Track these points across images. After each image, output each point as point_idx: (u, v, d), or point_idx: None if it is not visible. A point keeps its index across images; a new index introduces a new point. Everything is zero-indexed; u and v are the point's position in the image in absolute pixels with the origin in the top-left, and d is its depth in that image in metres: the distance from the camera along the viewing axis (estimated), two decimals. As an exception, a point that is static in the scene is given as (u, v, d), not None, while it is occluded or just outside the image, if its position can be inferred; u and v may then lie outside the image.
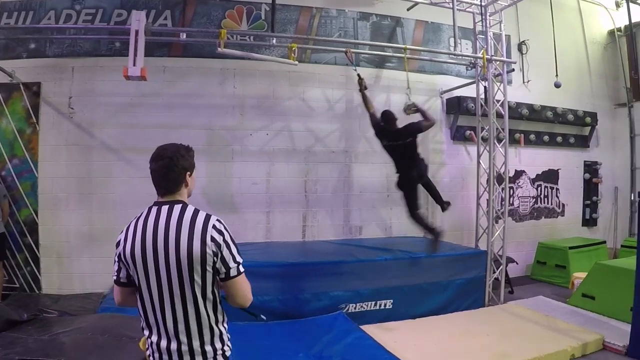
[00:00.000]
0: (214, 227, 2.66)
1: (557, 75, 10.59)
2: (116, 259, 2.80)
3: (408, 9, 9.53)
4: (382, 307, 7.49)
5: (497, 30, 9.30)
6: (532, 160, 11.79)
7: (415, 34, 10.21)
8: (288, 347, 5.82)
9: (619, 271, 8.24)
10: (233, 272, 2.72)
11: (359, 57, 9.45)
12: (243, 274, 2.81)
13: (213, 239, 2.63)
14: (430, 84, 10.34)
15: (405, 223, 9.94)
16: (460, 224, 10.65)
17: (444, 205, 8.18)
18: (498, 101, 9.25)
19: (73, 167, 8.30)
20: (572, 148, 12.49)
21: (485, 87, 9.33)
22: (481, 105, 9.53)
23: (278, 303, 6.84)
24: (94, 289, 8.14)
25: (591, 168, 12.87)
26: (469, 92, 10.15)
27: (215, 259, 2.64)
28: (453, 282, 8.15)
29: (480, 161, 9.64)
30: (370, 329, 6.67)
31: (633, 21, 12.46)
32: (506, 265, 9.27)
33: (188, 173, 2.84)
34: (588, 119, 12.35)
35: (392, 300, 7.55)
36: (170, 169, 2.75)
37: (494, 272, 8.98)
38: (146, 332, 2.79)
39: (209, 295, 2.71)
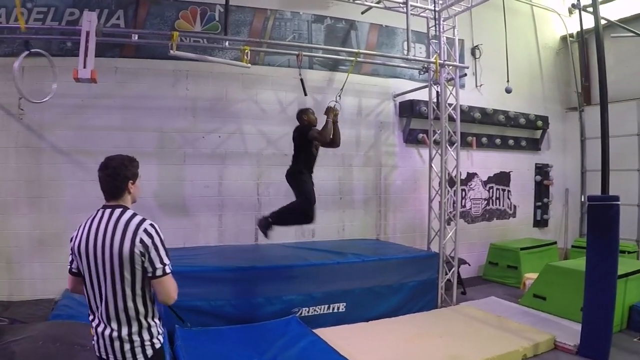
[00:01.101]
0: (144, 230, 3.02)
1: (508, 80, 10.71)
2: (70, 251, 3.18)
3: (362, 13, 9.50)
4: (335, 310, 7.48)
5: (451, 35, 9.38)
6: (484, 162, 11.94)
7: (370, 38, 10.24)
8: (241, 353, 5.77)
9: (569, 272, 8.41)
10: (159, 272, 3.04)
11: (312, 60, 9.46)
12: (169, 275, 3.11)
13: (142, 241, 2.98)
14: (383, 87, 10.39)
15: (358, 226, 10.06)
16: (412, 227, 10.73)
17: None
18: (450, 105, 9.33)
19: (23, 170, 8.02)
20: (524, 151, 12.71)
21: (437, 91, 9.39)
22: (434, 108, 9.58)
23: (231, 308, 6.77)
24: (45, 294, 7.86)
25: (542, 170, 13.15)
26: (422, 95, 10.21)
27: (143, 259, 2.99)
28: (406, 284, 8.18)
29: (432, 164, 9.67)
30: (324, 333, 6.63)
31: (585, 28, 12.72)
32: (458, 267, 9.34)
33: (131, 182, 3.23)
34: (540, 123, 12.60)
35: (345, 304, 7.55)
36: (114, 177, 3.16)
37: (446, 274, 9.04)
38: (91, 317, 3.15)
39: (138, 291, 3.05)
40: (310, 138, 7.28)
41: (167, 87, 8.68)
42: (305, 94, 7.92)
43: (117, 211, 3.12)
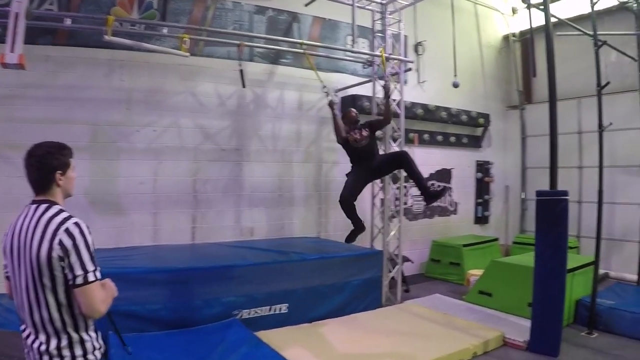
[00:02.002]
0: (65, 230, 2.59)
1: (455, 75, 10.69)
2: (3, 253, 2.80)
3: (306, 5, 9.25)
4: (277, 311, 7.18)
5: (396, 29, 9.28)
6: (426, 159, 11.86)
7: (312, 31, 9.98)
8: (181, 359, 5.45)
9: (515, 268, 8.48)
10: (79, 280, 2.59)
11: (254, 51, 9.13)
12: (93, 284, 2.64)
13: (61, 243, 2.56)
14: (325, 81, 10.03)
15: (297, 223, 9.83)
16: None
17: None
18: (394, 100, 9.18)
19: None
20: (465, 148, 12.77)
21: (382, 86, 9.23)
22: (377, 104, 9.41)
23: (167, 312, 6.34)
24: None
25: (483, 167, 13.27)
26: (364, 90, 10.08)
27: (62, 264, 2.57)
28: (349, 283, 7.99)
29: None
30: (266, 335, 6.37)
31: (527, 27, 12.80)
32: (402, 264, 9.25)
33: (59, 172, 2.79)
34: (481, 120, 12.72)
35: (287, 305, 7.27)
36: (39, 168, 2.75)
37: (390, 272, 8.94)
38: (22, 327, 2.76)
39: (62, 300, 2.63)
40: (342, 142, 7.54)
41: (100, 78, 8.10)
42: (244, 86, 7.70)
43: (42, 207, 2.71)
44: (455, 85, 10.64)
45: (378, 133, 8.25)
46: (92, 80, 8.02)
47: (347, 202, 7.32)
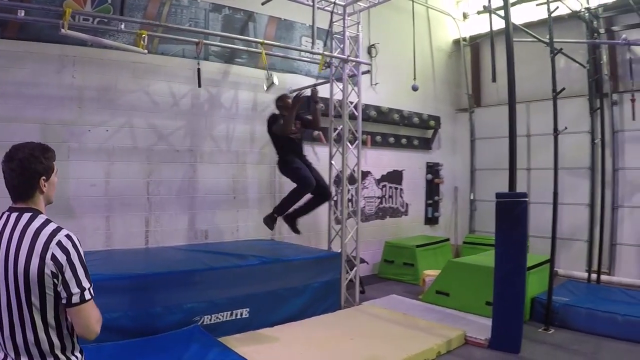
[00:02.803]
0: (58, 243, 2.38)
1: (414, 78, 10.92)
2: None
3: (263, 4, 9.05)
4: (239, 316, 7.01)
5: (353, 31, 9.25)
6: (378, 161, 11.96)
7: (268, 30, 9.81)
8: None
9: (472, 268, 8.65)
10: (75, 299, 2.41)
11: (209, 50, 8.90)
12: (90, 302, 2.48)
13: (54, 258, 2.34)
14: (280, 82, 9.84)
15: (252, 226, 9.66)
16: (307, 226, 10.39)
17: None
18: (351, 102, 9.17)
19: None
20: (416, 150, 12.92)
21: (340, 88, 9.18)
22: (334, 106, 9.37)
23: (128, 320, 6.05)
24: None
25: (433, 169, 13.47)
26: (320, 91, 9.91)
27: (55, 281, 2.35)
28: (309, 286, 7.92)
29: (333, 162, 9.48)
30: (229, 341, 6.23)
31: (478, 32, 13.45)
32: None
33: (43, 178, 2.56)
34: (432, 122, 12.91)
35: (248, 309, 7.10)
36: (21, 172, 2.49)
37: (348, 274, 8.88)
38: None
39: (51, 320, 2.41)
40: (275, 132, 7.70)
41: (52, 74, 7.66)
42: (200, 85, 7.52)
43: (26, 216, 2.47)
44: (415, 89, 10.72)
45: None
46: (43, 76, 7.59)
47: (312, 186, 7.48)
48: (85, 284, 2.44)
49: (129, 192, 8.29)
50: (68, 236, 2.42)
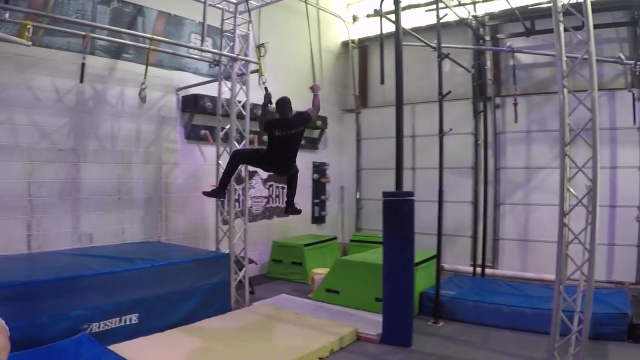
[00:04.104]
0: None
1: (314, 79, 10.78)
2: None
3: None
4: (128, 322, 6.75)
5: (243, 30, 9.19)
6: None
7: (157, 26, 9.48)
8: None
9: (360, 265, 8.89)
10: None
11: (96, 44, 8.49)
12: None
13: None
14: (167, 79, 9.77)
15: (138, 228, 9.37)
16: (195, 227, 10.32)
17: (292, 209, 8.33)
18: (239, 102, 9.13)
19: None
20: (302, 149, 12.73)
21: (230, 87, 9.07)
22: (222, 105, 9.25)
23: (11, 331, 5.57)
24: None
25: (320, 169, 13.62)
26: (206, 90, 9.88)
27: None
28: (199, 288, 7.80)
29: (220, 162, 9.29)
30: (119, 349, 5.97)
31: (367, 35, 13.84)
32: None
33: None
34: (319, 123, 13.00)
35: (137, 314, 6.86)
36: None
37: (237, 274, 8.83)
38: None
39: None
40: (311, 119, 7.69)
41: None
42: (82, 81, 7.23)
43: None
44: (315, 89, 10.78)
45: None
46: None
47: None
48: None
49: (8, 194, 7.71)
50: None
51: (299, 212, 8.43)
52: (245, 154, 8.26)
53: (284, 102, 7.36)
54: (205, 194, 7.98)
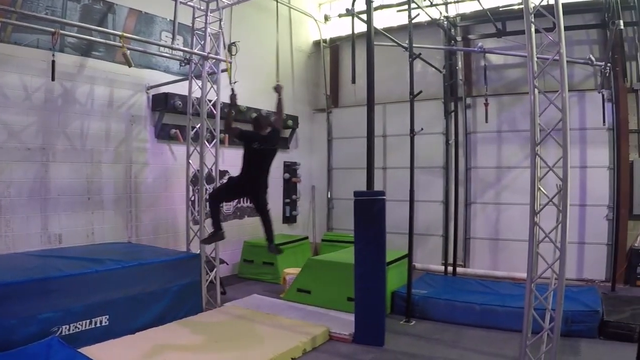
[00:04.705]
0: None
1: (278, 80, 10.84)
2: None
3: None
4: (98, 324, 6.66)
5: (215, 28, 9.13)
6: (236, 160, 11.70)
7: (127, 23, 9.36)
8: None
9: (332, 265, 8.90)
10: None
11: (65, 41, 8.35)
12: None
13: None
14: (137, 77, 9.66)
15: (108, 228, 9.27)
16: (165, 227, 10.24)
17: (275, 248, 7.99)
18: (210, 101, 9.06)
19: None
20: (274, 149, 12.86)
21: (200, 86, 9.00)
22: (193, 104, 9.19)
23: None
24: None
25: (291, 168, 13.61)
26: (176, 89, 9.80)
27: None
28: (170, 289, 7.74)
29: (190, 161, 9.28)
30: (90, 351, 5.90)
31: (338, 35, 13.92)
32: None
33: None
34: (290, 122, 13.01)
35: (107, 316, 6.78)
36: None
37: (208, 275, 8.78)
38: None
39: None
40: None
41: None
42: (53, 79, 7.02)
43: None
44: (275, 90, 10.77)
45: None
46: None
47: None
48: None
49: (-24, 195, 7.61)
50: None
51: (280, 252, 8.23)
52: (219, 191, 8.28)
53: (257, 120, 7.66)
54: (205, 241, 8.07)
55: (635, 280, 10.02)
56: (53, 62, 6.87)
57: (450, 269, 11.00)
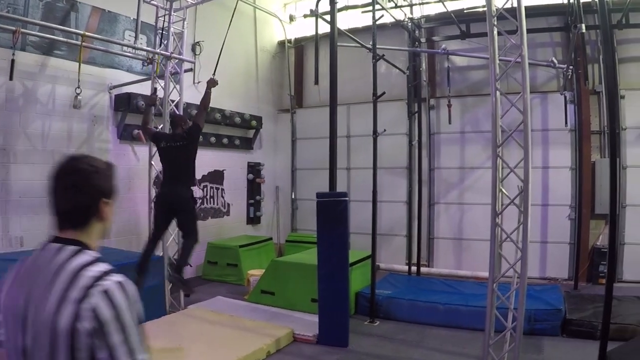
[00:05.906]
0: (105, 292, 1.65)
1: (214, 74, 10.76)
2: None
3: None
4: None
5: (178, 27, 9.05)
6: (199, 161, 11.64)
7: (90, 22, 9.21)
8: None
9: (295, 266, 8.91)
10: None
11: (27, 39, 8.18)
12: None
13: (95, 311, 1.61)
14: (99, 77, 9.51)
15: (72, 232, 9.03)
16: (128, 229, 10.07)
17: (178, 278, 7.35)
18: (173, 101, 8.97)
19: None
20: (238, 150, 12.94)
21: (161, 86, 8.90)
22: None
23: None
24: None
25: (255, 169, 13.56)
26: (140, 89, 9.65)
27: (94, 341, 1.62)
28: (133, 292, 7.54)
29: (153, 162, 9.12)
30: None
31: (303, 35, 13.87)
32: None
33: (104, 199, 1.86)
34: (254, 122, 13.01)
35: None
36: (79, 190, 1.81)
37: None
38: None
39: None
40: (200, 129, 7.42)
41: None
42: (11, 78, 6.98)
43: (68, 250, 1.76)
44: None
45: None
46: None
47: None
48: (139, 355, 1.71)
49: None
50: (120, 284, 1.71)
51: (187, 289, 7.74)
52: (154, 221, 7.79)
53: (172, 118, 7.60)
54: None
55: (598, 279, 10.21)
56: (13, 61, 6.77)
57: (414, 268, 11.10)
